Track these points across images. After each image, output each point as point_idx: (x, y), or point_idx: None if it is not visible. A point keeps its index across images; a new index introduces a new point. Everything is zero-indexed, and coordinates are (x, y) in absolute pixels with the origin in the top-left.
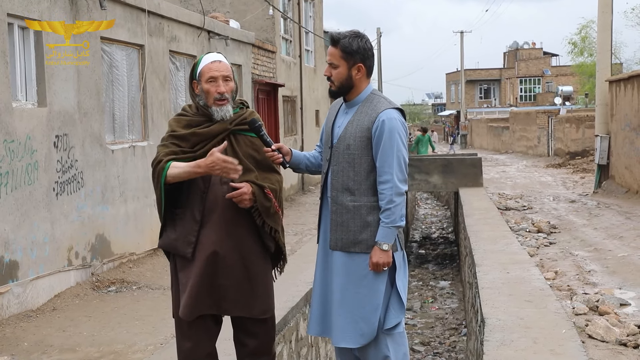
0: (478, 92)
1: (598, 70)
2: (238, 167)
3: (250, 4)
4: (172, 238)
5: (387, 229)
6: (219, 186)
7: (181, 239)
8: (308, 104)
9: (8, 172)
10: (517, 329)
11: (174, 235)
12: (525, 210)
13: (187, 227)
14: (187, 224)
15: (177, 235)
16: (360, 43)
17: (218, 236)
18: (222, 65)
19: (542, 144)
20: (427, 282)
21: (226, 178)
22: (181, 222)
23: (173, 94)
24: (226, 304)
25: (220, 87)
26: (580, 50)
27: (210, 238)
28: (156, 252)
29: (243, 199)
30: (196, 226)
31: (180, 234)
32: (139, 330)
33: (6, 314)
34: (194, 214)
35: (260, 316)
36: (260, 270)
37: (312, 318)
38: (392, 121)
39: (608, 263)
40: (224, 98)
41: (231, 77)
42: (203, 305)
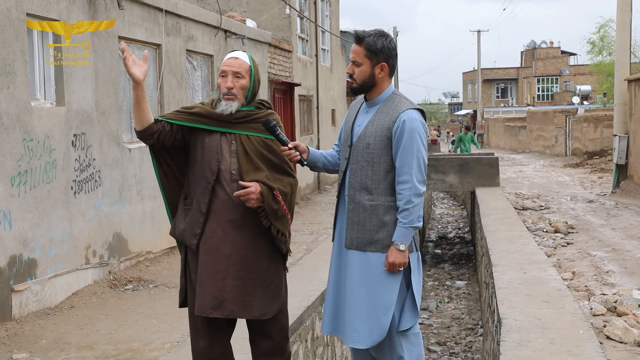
0: (495, 91)
1: (616, 69)
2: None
3: (266, 3)
4: (181, 229)
5: (404, 229)
6: (230, 183)
7: (188, 229)
8: (324, 103)
9: (27, 171)
10: (534, 329)
11: (183, 225)
12: (542, 210)
13: (194, 219)
14: (194, 215)
15: (185, 226)
16: (384, 42)
17: (224, 233)
18: (237, 61)
19: (559, 143)
20: (443, 281)
21: (237, 176)
22: (190, 213)
23: (190, 93)
24: (230, 305)
25: (228, 82)
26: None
27: (216, 233)
28: (173, 250)
29: (250, 198)
30: (202, 218)
31: (187, 225)
32: (155, 329)
33: (25, 311)
34: (200, 206)
35: (260, 317)
36: (263, 270)
37: (326, 317)
38: (412, 122)
39: (626, 263)
40: (231, 93)
41: (243, 75)
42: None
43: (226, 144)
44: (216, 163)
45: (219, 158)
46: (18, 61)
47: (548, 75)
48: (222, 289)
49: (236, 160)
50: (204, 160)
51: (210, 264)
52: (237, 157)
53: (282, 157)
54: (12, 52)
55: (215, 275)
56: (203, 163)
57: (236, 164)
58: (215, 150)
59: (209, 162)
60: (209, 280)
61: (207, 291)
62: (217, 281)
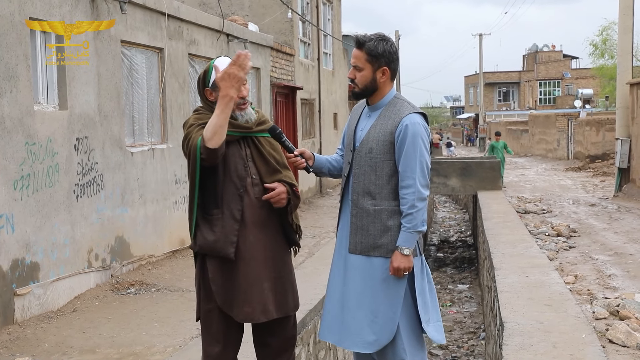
0: (497, 95)
1: (619, 72)
2: (245, 52)
3: (269, 7)
4: (211, 240)
5: (408, 234)
6: (252, 187)
7: (222, 239)
8: (326, 107)
9: (29, 175)
10: (537, 333)
11: (213, 237)
12: (544, 214)
13: (228, 227)
14: (227, 224)
15: (216, 237)
16: (385, 46)
17: (255, 237)
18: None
19: (561, 147)
20: (445, 285)
21: (257, 180)
22: (220, 223)
23: (192, 97)
24: (272, 307)
25: (242, 92)
26: (601, 53)
27: (249, 239)
28: (175, 254)
29: (281, 199)
30: (237, 225)
31: (220, 235)
32: (158, 332)
33: (27, 315)
34: (234, 213)
35: (290, 313)
36: (288, 268)
37: (324, 323)
38: (415, 126)
39: (629, 267)
40: (245, 102)
41: (246, 81)
42: (256, 313)
43: (243, 149)
44: (243, 169)
45: (245, 164)
46: (21, 65)
47: (550, 79)
48: (262, 292)
49: (253, 164)
50: (230, 168)
51: (250, 270)
52: (254, 161)
53: (281, 153)
54: (15, 57)
55: (256, 282)
56: (229, 171)
57: (254, 167)
58: (239, 156)
59: (235, 169)
60: (252, 287)
61: (252, 297)
62: (259, 287)
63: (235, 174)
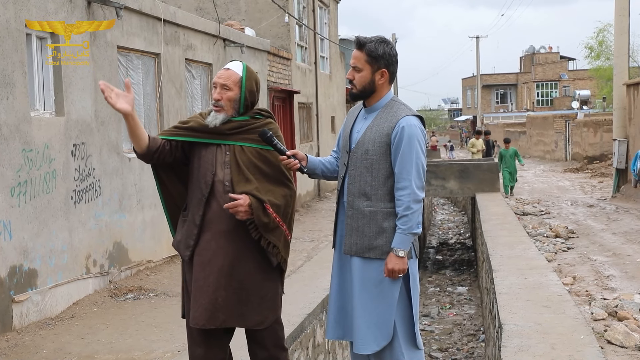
0: (494, 97)
1: (615, 74)
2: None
3: (265, 11)
4: (177, 240)
5: (403, 236)
6: (223, 195)
7: (182, 241)
8: (324, 111)
9: (27, 181)
10: (535, 334)
11: (178, 237)
12: (542, 215)
13: (189, 231)
14: (189, 227)
15: (180, 238)
16: (385, 48)
17: (217, 244)
18: (226, 73)
19: (559, 148)
20: (444, 288)
21: (230, 188)
22: (185, 225)
23: (189, 102)
24: (222, 315)
25: (215, 94)
26: (597, 54)
27: (209, 244)
28: (173, 259)
29: (238, 211)
30: (195, 230)
31: (182, 237)
32: (156, 338)
33: (25, 322)
34: (195, 218)
35: (255, 327)
36: (257, 281)
37: (330, 322)
38: (411, 128)
39: (627, 268)
40: (218, 105)
41: (230, 87)
42: (201, 319)
43: (221, 155)
44: (211, 175)
45: (213, 170)
46: (17, 72)
47: (547, 81)
48: (214, 300)
49: (229, 171)
50: (200, 173)
51: (203, 276)
52: (230, 168)
53: (277, 168)
54: (11, 63)
55: (208, 287)
56: (199, 175)
57: (229, 175)
58: (211, 162)
59: (204, 175)
60: (202, 292)
61: (200, 303)
62: (210, 293)
63: (203, 180)
